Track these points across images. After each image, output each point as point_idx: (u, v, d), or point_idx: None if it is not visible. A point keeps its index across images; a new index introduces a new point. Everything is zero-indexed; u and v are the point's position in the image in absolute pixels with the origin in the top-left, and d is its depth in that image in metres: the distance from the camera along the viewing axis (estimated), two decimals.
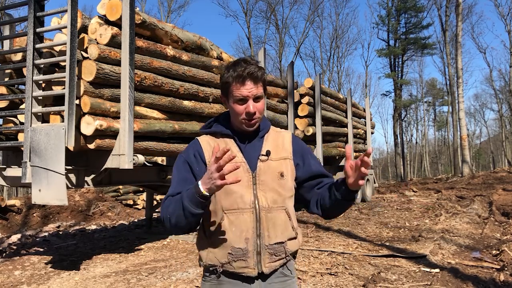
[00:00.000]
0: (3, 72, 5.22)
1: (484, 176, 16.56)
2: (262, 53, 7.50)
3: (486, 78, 48.51)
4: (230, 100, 1.46)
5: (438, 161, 53.30)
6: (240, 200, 1.40)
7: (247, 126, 1.46)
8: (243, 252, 1.39)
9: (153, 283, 4.14)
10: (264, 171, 1.45)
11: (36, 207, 10.59)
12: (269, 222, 1.41)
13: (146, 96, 5.17)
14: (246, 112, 1.42)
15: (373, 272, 4.11)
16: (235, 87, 1.42)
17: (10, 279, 4.56)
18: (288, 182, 1.48)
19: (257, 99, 1.44)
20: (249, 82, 1.41)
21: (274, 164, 1.47)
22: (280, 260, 1.44)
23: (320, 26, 53.16)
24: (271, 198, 1.43)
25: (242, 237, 1.39)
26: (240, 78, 1.40)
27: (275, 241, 1.42)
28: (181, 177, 1.45)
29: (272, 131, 1.57)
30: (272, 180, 1.45)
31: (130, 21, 4.69)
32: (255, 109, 1.43)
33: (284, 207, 1.45)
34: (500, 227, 6.77)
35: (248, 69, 1.41)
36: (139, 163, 4.80)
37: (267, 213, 1.42)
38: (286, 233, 1.45)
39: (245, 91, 1.41)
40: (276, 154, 1.49)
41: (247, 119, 1.44)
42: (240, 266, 1.40)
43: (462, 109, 20.23)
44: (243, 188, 1.42)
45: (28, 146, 4.40)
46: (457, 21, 20.45)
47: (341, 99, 11.64)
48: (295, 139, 1.58)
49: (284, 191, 1.46)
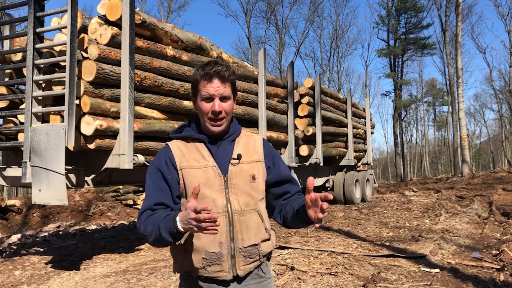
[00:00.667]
0: (3, 72, 5.22)
1: (484, 176, 16.56)
2: (262, 53, 7.50)
3: (486, 78, 48.53)
4: (198, 98, 1.47)
5: (438, 161, 53.31)
6: (213, 204, 1.40)
7: (213, 126, 1.46)
8: (217, 256, 1.40)
9: (153, 283, 4.14)
10: (236, 175, 1.45)
11: (36, 207, 10.59)
12: (242, 225, 1.42)
13: (146, 96, 5.17)
14: (212, 110, 1.44)
15: (373, 272, 4.11)
16: (202, 84, 1.45)
17: (10, 279, 4.56)
18: (260, 185, 1.50)
19: (224, 98, 1.45)
20: (216, 81, 1.43)
21: (245, 167, 1.48)
22: (255, 262, 1.45)
23: (320, 26, 53.18)
24: (243, 201, 1.44)
25: (216, 241, 1.40)
26: (207, 76, 1.43)
27: (249, 244, 1.43)
28: (155, 186, 1.45)
29: (243, 135, 1.58)
30: (244, 183, 1.45)
31: (130, 21, 4.69)
32: (221, 108, 1.43)
33: (256, 210, 1.47)
34: (500, 227, 6.77)
35: (215, 68, 1.43)
36: (139, 163, 4.80)
37: (240, 216, 1.42)
38: (259, 235, 1.46)
39: (211, 89, 1.43)
40: (248, 157, 1.50)
41: (213, 118, 1.44)
42: (215, 270, 1.40)
43: (462, 109, 20.23)
44: (215, 192, 1.42)
45: (28, 146, 4.40)
46: (457, 21, 20.45)
47: (341, 99, 11.64)
48: (265, 143, 1.61)
49: (256, 194, 1.48)
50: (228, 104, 1.46)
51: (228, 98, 1.46)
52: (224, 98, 1.45)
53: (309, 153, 9.16)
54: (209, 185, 1.42)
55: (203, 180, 1.42)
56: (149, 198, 1.44)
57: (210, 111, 1.44)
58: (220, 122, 1.46)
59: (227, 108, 1.46)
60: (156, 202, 1.42)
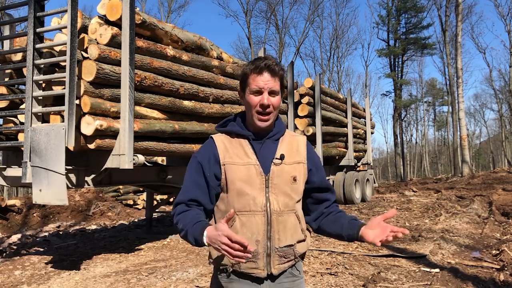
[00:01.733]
0: (3, 72, 5.22)
1: (484, 176, 16.57)
2: (262, 53, 7.51)
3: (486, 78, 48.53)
4: (246, 92, 1.46)
5: (438, 161, 53.30)
6: (252, 202, 1.41)
7: (260, 120, 1.44)
8: (253, 254, 1.39)
9: (153, 283, 4.14)
10: (277, 175, 1.44)
11: (36, 207, 10.59)
12: (280, 226, 1.42)
13: (146, 96, 5.17)
14: (260, 104, 1.42)
15: (373, 272, 4.11)
16: (251, 78, 1.44)
17: (10, 279, 4.56)
18: (300, 187, 1.49)
19: (272, 93, 1.43)
20: (266, 74, 1.42)
21: (287, 168, 1.46)
22: (289, 262, 1.46)
23: (320, 26, 53.17)
24: (282, 202, 1.43)
25: (253, 239, 1.40)
26: (257, 69, 1.42)
27: (285, 244, 1.43)
28: (193, 181, 1.47)
29: (288, 135, 1.56)
30: (284, 184, 1.45)
31: (130, 21, 4.69)
32: (269, 102, 1.42)
33: (294, 211, 1.46)
34: (500, 227, 6.77)
35: (266, 62, 1.42)
36: (139, 163, 4.80)
37: (278, 216, 1.42)
38: (295, 236, 1.46)
39: (261, 82, 1.42)
40: (290, 158, 1.49)
41: (261, 112, 1.43)
42: (250, 267, 1.41)
43: (462, 109, 20.23)
44: (256, 191, 1.42)
45: (28, 146, 4.41)
46: (457, 21, 20.45)
47: (341, 99, 11.64)
48: (309, 145, 1.58)
49: (296, 195, 1.47)
50: (276, 99, 1.45)
51: (276, 93, 1.45)
52: (273, 93, 1.44)
53: None
54: (250, 183, 1.42)
55: (244, 178, 1.42)
56: (185, 192, 1.46)
57: (259, 104, 1.42)
58: (267, 117, 1.44)
59: (275, 103, 1.45)
60: (191, 198, 1.44)
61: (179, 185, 6.29)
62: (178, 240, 6.42)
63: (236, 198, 1.42)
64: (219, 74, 6.48)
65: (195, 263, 4.91)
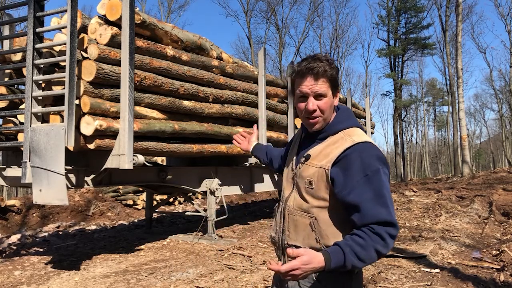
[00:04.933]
0: (3, 72, 5.21)
1: (484, 176, 16.55)
2: (262, 53, 7.50)
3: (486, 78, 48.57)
4: (295, 98, 1.43)
5: (438, 161, 53.29)
6: (282, 193, 1.54)
7: (307, 125, 1.42)
8: (273, 240, 1.55)
9: (153, 283, 4.13)
10: (299, 174, 1.44)
11: (36, 207, 10.59)
12: (290, 223, 1.44)
13: (146, 96, 5.16)
14: (306, 109, 1.38)
15: (373, 272, 4.10)
16: (296, 83, 1.40)
17: (10, 279, 4.55)
18: (319, 192, 1.35)
19: (319, 96, 1.36)
20: (309, 78, 1.35)
21: (308, 170, 1.40)
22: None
23: (320, 26, 53.21)
24: (297, 202, 1.43)
25: (275, 227, 1.53)
26: (300, 73, 1.37)
27: (294, 243, 1.41)
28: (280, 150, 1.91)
29: (341, 135, 1.40)
30: (302, 185, 1.42)
31: (130, 21, 4.69)
32: (315, 106, 1.36)
33: (310, 215, 1.37)
34: (500, 227, 6.77)
35: (309, 65, 1.35)
36: (139, 163, 4.80)
37: (290, 214, 1.44)
38: (308, 241, 1.37)
39: (304, 87, 1.36)
40: (318, 160, 1.38)
41: (307, 117, 1.39)
42: (275, 250, 1.56)
43: (462, 109, 20.22)
44: (286, 182, 1.53)
45: (28, 146, 4.40)
46: (457, 21, 20.44)
47: (341, 99, 11.64)
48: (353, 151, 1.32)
49: (312, 200, 1.37)
50: (324, 102, 1.37)
51: (323, 95, 1.36)
52: (320, 96, 1.36)
53: None
54: (286, 176, 1.55)
55: (286, 170, 1.57)
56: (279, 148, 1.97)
57: (304, 110, 1.38)
58: (314, 121, 1.39)
59: (323, 106, 1.37)
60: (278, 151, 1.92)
61: (179, 185, 6.29)
62: (178, 240, 6.42)
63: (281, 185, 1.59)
64: (219, 74, 6.47)
65: (195, 263, 4.90)
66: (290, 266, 1.16)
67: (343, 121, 1.43)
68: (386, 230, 1.24)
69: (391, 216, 1.25)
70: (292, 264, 1.17)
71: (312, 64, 1.34)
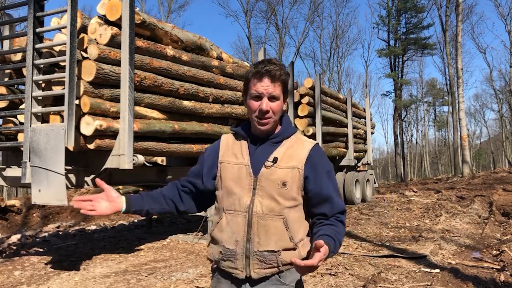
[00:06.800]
0: (3, 72, 5.21)
1: (484, 176, 16.55)
2: (262, 53, 7.50)
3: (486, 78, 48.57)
4: (248, 97, 1.48)
5: (438, 161, 53.28)
6: (238, 202, 1.44)
7: (259, 124, 1.46)
8: (231, 253, 1.43)
9: (153, 283, 4.13)
10: (266, 178, 1.43)
11: (36, 207, 10.59)
12: (260, 229, 1.40)
13: (146, 96, 5.16)
14: (259, 109, 1.43)
15: (373, 272, 4.10)
16: (252, 83, 1.45)
17: (10, 279, 4.55)
18: (291, 192, 1.43)
19: (272, 98, 1.43)
20: (266, 80, 1.42)
21: (278, 172, 1.43)
22: (272, 269, 1.41)
23: (320, 26, 53.14)
24: (267, 205, 1.42)
25: (233, 239, 1.42)
26: (258, 74, 1.43)
27: (266, 249, 1.40)
28: (193, 171, 1.61)
29: (294, 138, 1.52)
30: (272, 188, 1.42)
31: (130, 21, 4.69)
32: (268, 107, 1.43)
33: (282, 217, 1.41)
34: (500, 227, 6.76)
35: (268, 67, 1.43)
36: (139, 163, 4.80)
37: (260, 219, 1.41)
38: (280, 243, 1.40)
39: (260, 87, 1.43)
40: (286, 162, 1.45)
41: (260, 117, 1.44)
42: (229, 266, 1.44)
43: (462, 109, 20.23)
44: (243, 191, 1.44)
45: (28, 146, 4.40)
46: (457, 21, 20.45)
47: (341, 99, 11.63)
48: (315, 151, 1.49)
49: (284, 201, 1.42)
50: (276, 104, 1.45)
51: (277, 98, 1.44)
52: (273, 98, 1.44)
53: None
54: (239, 183, 1.45)
55: (235, 177, 1.46)
56: (185, 177, 1.62)
57: (258, 109, 1.44)
58: (265, 121, 1.45)
59: (275, 108, 1.44)
60: (186, 179, 1.59)
61: None
62: (178, 240, 6.42)
63: (225, 196, 1.47)
64: (219, 74, 6.47)
65: (195, 263, 4.90)
66: (319, 258, 1.23)
67: (291, 126, 1.56)
68: (344, 217, 1.49)
69: (344, 205, 1.51)
70: (320, 256, 1.24)
71: (270, 67, 1.43)
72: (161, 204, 1.55)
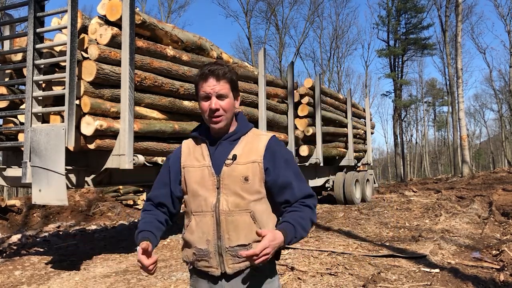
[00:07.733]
0: (4, 72, 5.22)
1: (484, 176, 16.56)
2: (262, 53, 7.51)
3: (486, 78, 48.53)
4: (199, 99, 1.53)
5: (438, 161, 53.30)
6: (204, 203, 1.48)
7: (212, 123, 1.50)
8: (204, 253, 1.47)
9: (153, 283, 4.14)
10: (228, 175, 1.47)
11: (36, 207, 10.59)
12: (229, 225, 1.44)
13: (146, 96, 5.17)
14: (209, 108, 1.48)
15: (373, 272, 4.11)
16: (200, 85, 1.50)
17: (10, 279, 4.56)
18: (254, 186, 1.47)
19: (220, 96, 1.47)
20: (211, 79, 1.47)
21: (239, 168, 1.47)
22: (245, 262, 1.44)
23: (320, 26, 53.11)
24: (232, 202, 1.45)
25: (204, 239, 1.47)
26: (203, 75, 1.48)
27: (237, 244, 1.44)
28: (161, 180, 1.63)
29: (251, 134, 1.57)
30: (235, 184, 1.46)
31: (130, 21, 4.69)
32: (217, 105, 1.47)
33: (248, 211, 1.45)
34: (500, 227, 6.77)
35: (210, 67, 1.48)
36: (139, 163, 4.80)
37: (228, 216, 1.45)
38: (250, 236, 1.44)
39: (207, 88, 1.47)
40: (246, 157, 1.49)
41: (211, 116, 1.48)
42: (204, 265, 1.48)
43: (462, 109, 20.23)
44: (207, 192, 1.48)
45: (28, 146, 4.41)
46: (457, 21, 20.45)
47: (341, 99, 11.63)
48: (271, 143, 1.53)
49: (248, 195, 1.46)
50: (226, 102, 1.48)
51: (225, 96, 1.48)
52: (221, 96, 1.47)
53: (309, 153, 9.16)
54: (203, 185, 1.49)
55: (199, 179, 1.50)
56: (154, 190, 1.64)
57: (208, 109, 1.48)
58: (218, 119, 1.48)
59: (225, 106, 1.48)
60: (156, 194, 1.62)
61: None
62: (178, 240, 6.42)
63: (192, 199, 1.51)
64: None
65: None
66: (262, 246, 1.30)
67: (247, 123, 1.61)
68: (311, 201, 1.52)
69: (311, 190, 1.53)
70: (263, 244, 1.30)
71: (214, 67, 1.48)
72: (162, 230, 1.63)
